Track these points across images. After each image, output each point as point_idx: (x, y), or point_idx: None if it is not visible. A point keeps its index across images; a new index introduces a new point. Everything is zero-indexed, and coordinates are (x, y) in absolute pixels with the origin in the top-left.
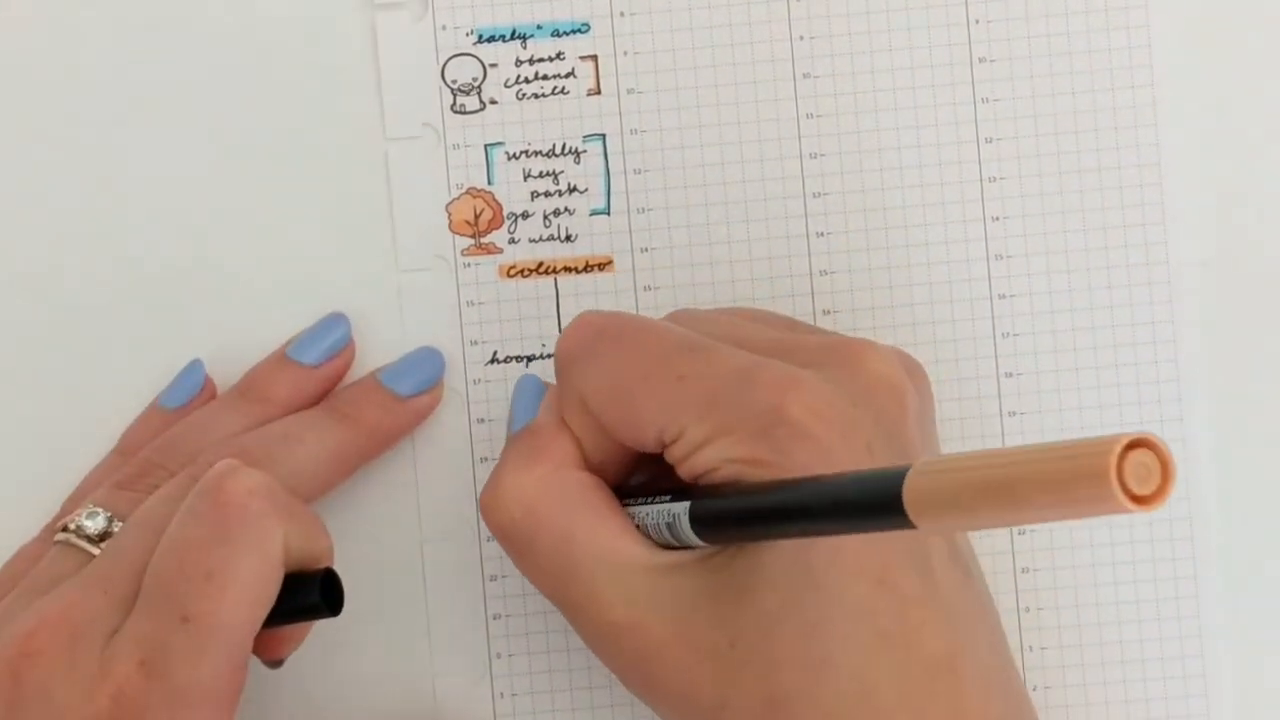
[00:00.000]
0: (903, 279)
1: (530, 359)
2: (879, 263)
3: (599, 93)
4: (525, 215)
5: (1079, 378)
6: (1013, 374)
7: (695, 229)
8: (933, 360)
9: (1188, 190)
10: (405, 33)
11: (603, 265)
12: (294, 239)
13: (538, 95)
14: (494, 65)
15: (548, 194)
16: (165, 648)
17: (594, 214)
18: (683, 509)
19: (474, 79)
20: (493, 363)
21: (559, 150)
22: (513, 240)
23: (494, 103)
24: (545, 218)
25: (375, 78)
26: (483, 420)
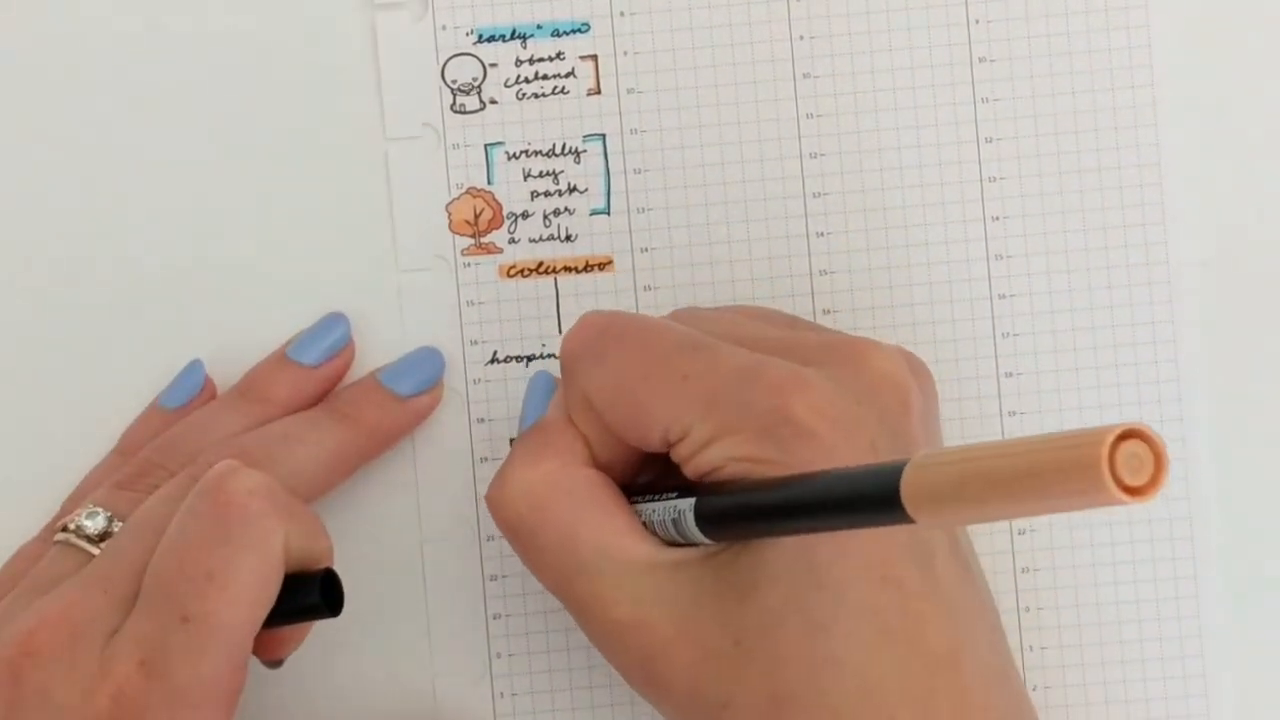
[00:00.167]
0: (903, 279)
1: (530, 359)
2: (879, 263)
3: (599, 93)
4: (525, 215)
5: (1079, 378)
6: (1013, 374)
7: (695, 229)
8: (933, 360)
9: (1188, 190)
10: (405, 33)
11: (603, 265)
12: (294, 239)
13: (538, 95)
14: (494, 65)
15: (548, 194)
16: (165, 647)
17: (594, 214)
18: (688, 506)
19: (474, 79)
20: (493, 363)
21: (559, 150)
22: (513, 240)
23: (494, 102)
24: (545, 218)
25: (375, 78)
26: (483, 420)
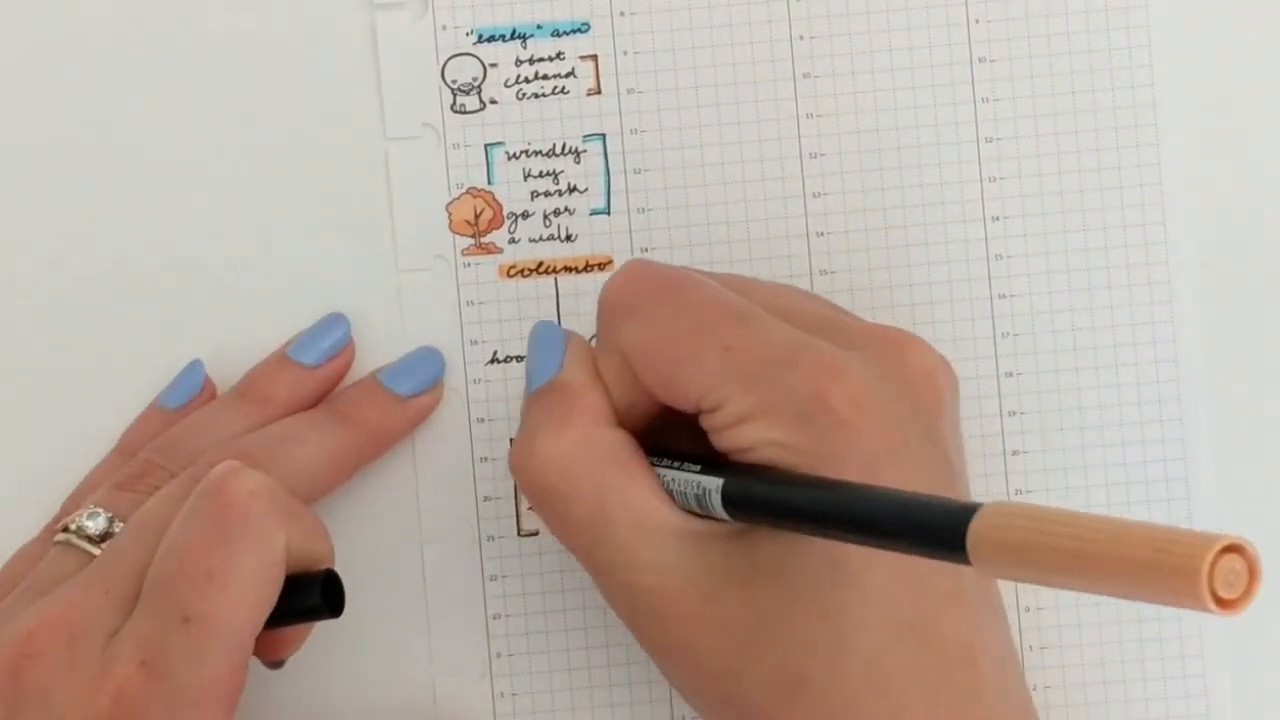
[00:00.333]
0: (903, 279)
1: None
2: (879, 263)
3: (599, 93)
4: (525, 215)
5: (1079, 378)
6: (1013, 374)
7: (695, 229)
8: None
9: (1188, 190)
10: (405, 33)
11: (603, 265)
12: (294, 239)
13: (538, 95)
14: (494, 65)
15: (548, 194)
16: (166, 648)
17: (594, 214)
18: (714, 486)
19: (474, 79)
20: (493, 363)
21: (559, 150)
22: (513, 240)
23: (494, 102)
24: (545, 217)
25: (375, 78)
26: (483, 420)
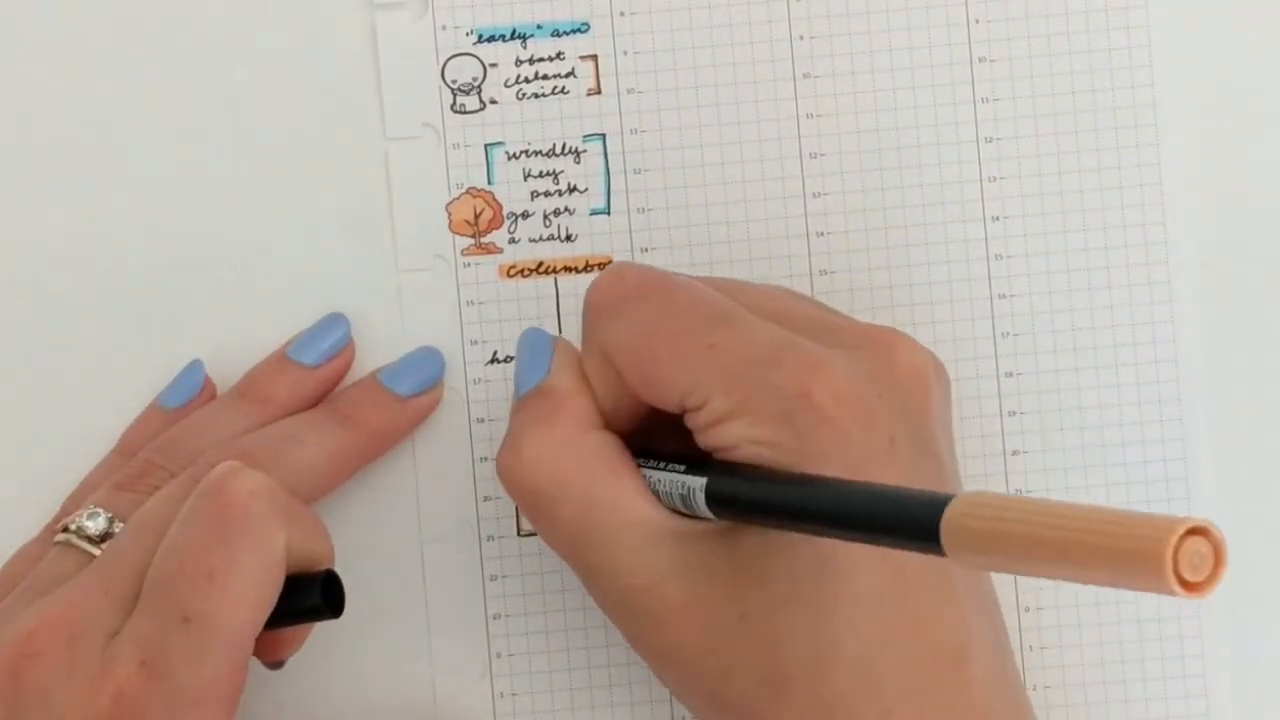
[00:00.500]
0: (903, 279)
1: None
2: (879, 263)
3: (599, 93)
4: (525, 215)
5: (1079, 378)
6: (1013, 374)
7: (695, 229)
8: None
9: (1188, 190)
10: (405, 33)
11: (603, 265)
12: (294, 239)
13: (538, 95)
14: (494, 65)
15: (548, 194)
16: (166, 648)
17: (594, 214)
18: (698, 485)
19: (474, 79)
20: (493, 363)
21: (559, 150)
22: (513, 240)
23: (494, 102)
24: (545, 218)
25: (375, 78)
26: (483, 420)
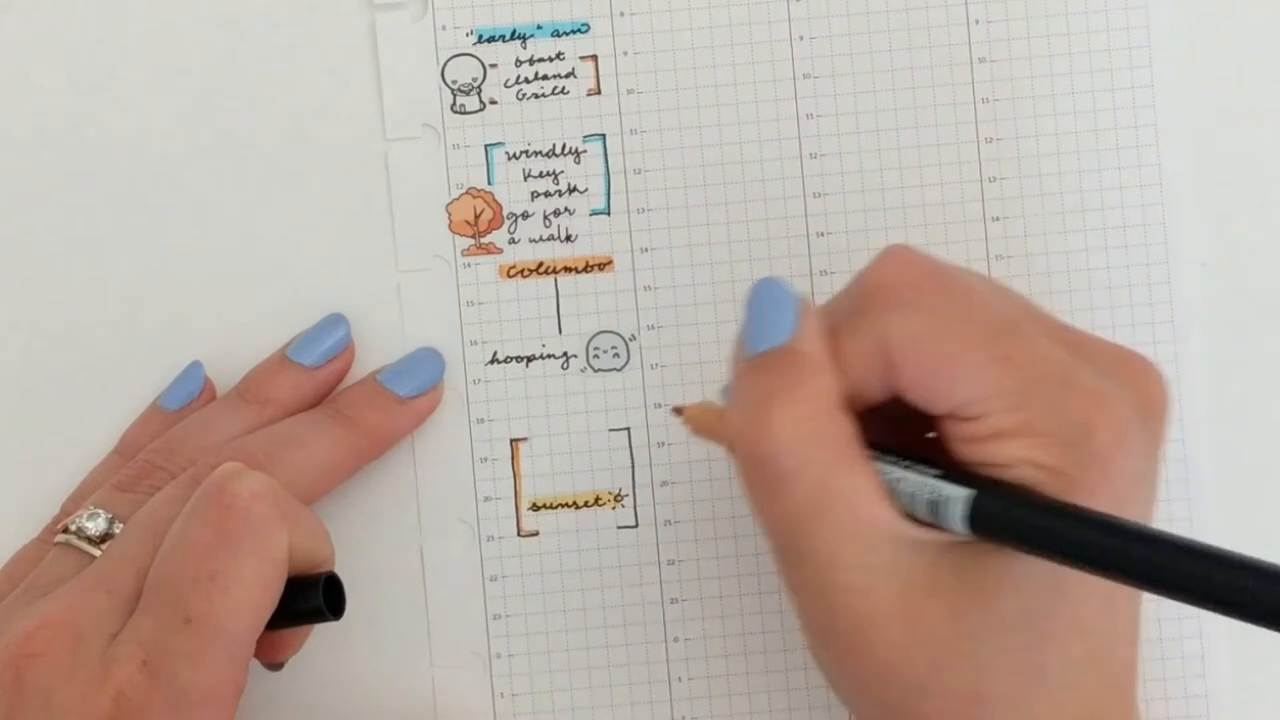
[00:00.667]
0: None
1: (530, 359)
2: None
3: (599, 93)
4: (525, 215)
5: None
6: None
7: (695, 229)
8: None
9: (1188, 190)
10: (405, 33)
11: (603, 265)
12: (294, 239)
13: (538, 95)
14: (494, 65)
15: (548, 194)
16: (167, 649)
17: (594, 214)
18: (960, 496)
19: (474, 79)
20: (493, 363)
21: (559, 150)
22: (513, 240)
23: (494, 103)
24: (545, 218)
25: (375, 78)
26: (483, 420)
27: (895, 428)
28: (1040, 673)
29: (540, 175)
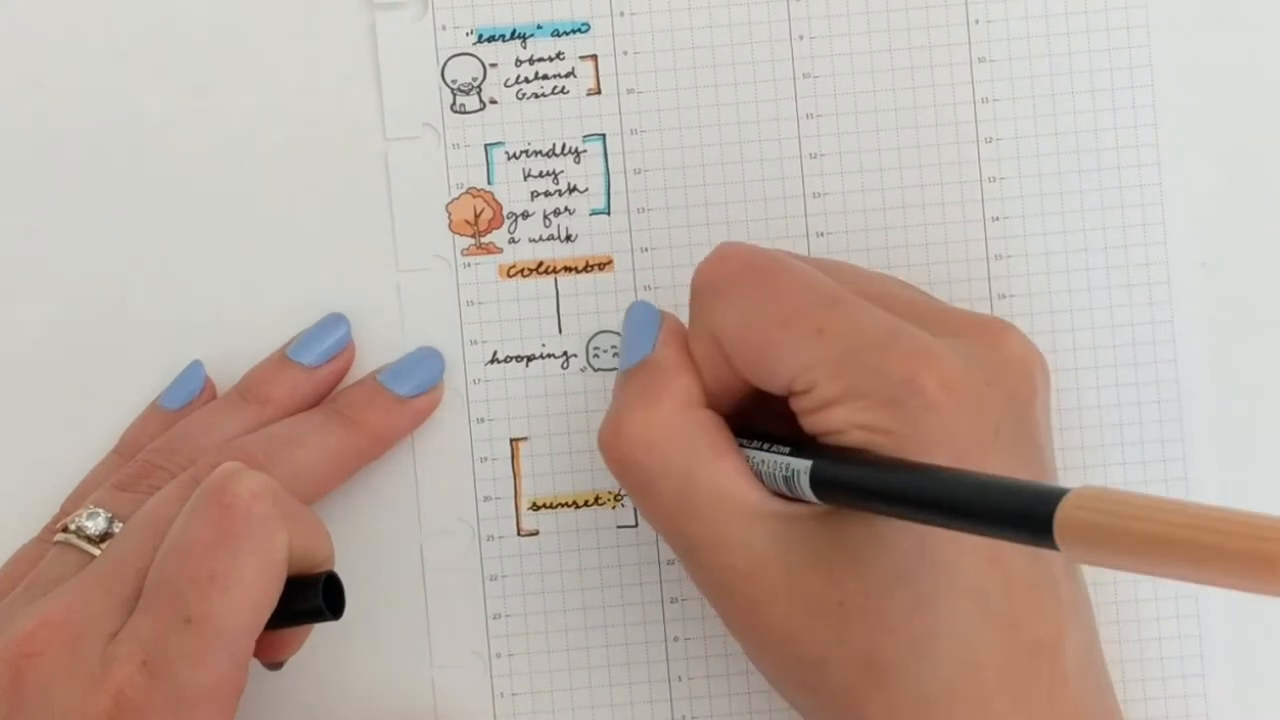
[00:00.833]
0: (903, 278)
1: (530, 359)
2: (879, 263)
3: (599, 93)
4: (525, 215)
5: (1078, 378)
6: None
7: (695, 229)
8: None
9: (1188, 190)
10: (405, 33)
11: (603, 265)
12: (294, 239)
13: (538, 95)
14: (494, 65)
15: (548, 194)
16: (167, 649)
17: (594, 214)
18: (803, 468)
19: (474, 79)
20: (493, 363)
21: (559, 150)
22: (513, 240)
23: (494, 102)
24: (545, 218)
25: (375, 78)
26: (482, 420)
27: (784, 417)
28: (933, 637)
29: (540, 175)
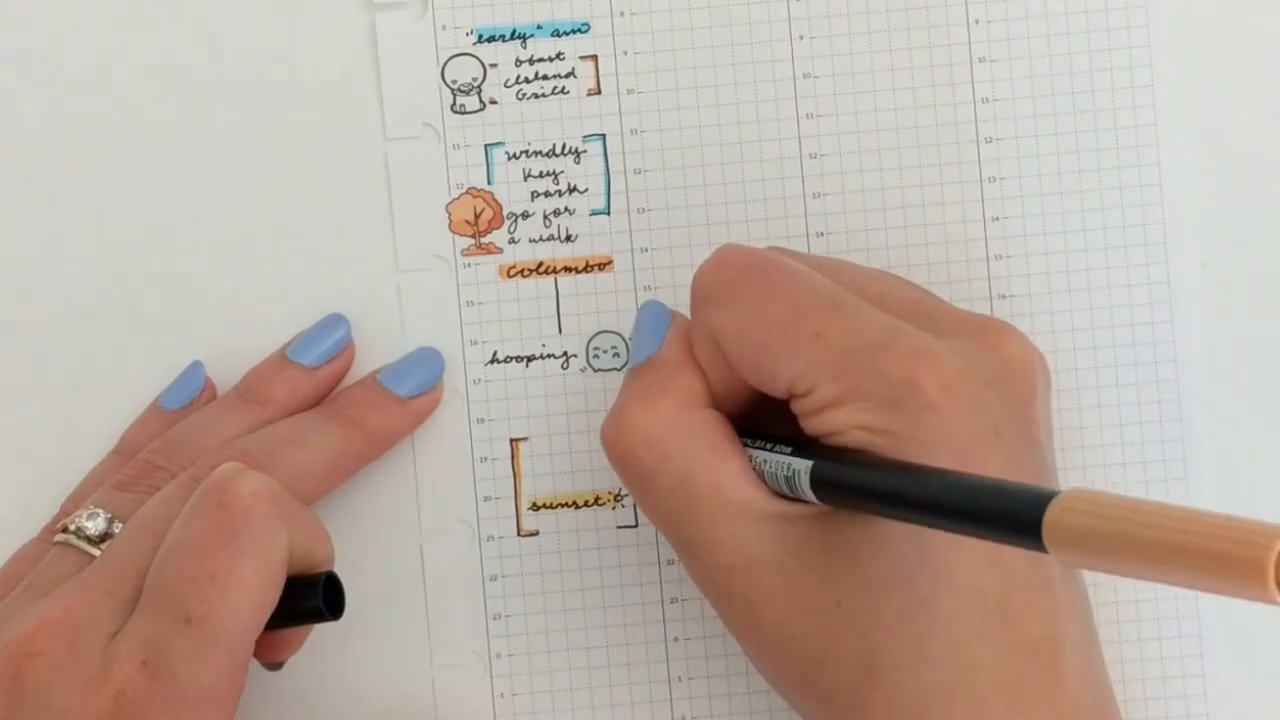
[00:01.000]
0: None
1: (530, 359)
2: (879, 263)
3: (599, 93)
4: (525, 215)
5: (1078, 378)
6: None
7: (695, 229)
8: None
9: (1188, 190)
10: (405, 33)
11: (603, 265)
12: (294, 239)
13: (538, 95)
14: (494, 65)
15: (548, 194)
16: (167, 649)
17: (594, 214)
18: (803, 467)
19: (474, 79)
20: (493, 363)
21: (559, 150)
22: (513, 240)
23: (494, 103)
24: (545, 218)
25: (375, 78)
26: (483, 420)
27: (787, 419)
28: (931, 638)
29: (540, 175)
